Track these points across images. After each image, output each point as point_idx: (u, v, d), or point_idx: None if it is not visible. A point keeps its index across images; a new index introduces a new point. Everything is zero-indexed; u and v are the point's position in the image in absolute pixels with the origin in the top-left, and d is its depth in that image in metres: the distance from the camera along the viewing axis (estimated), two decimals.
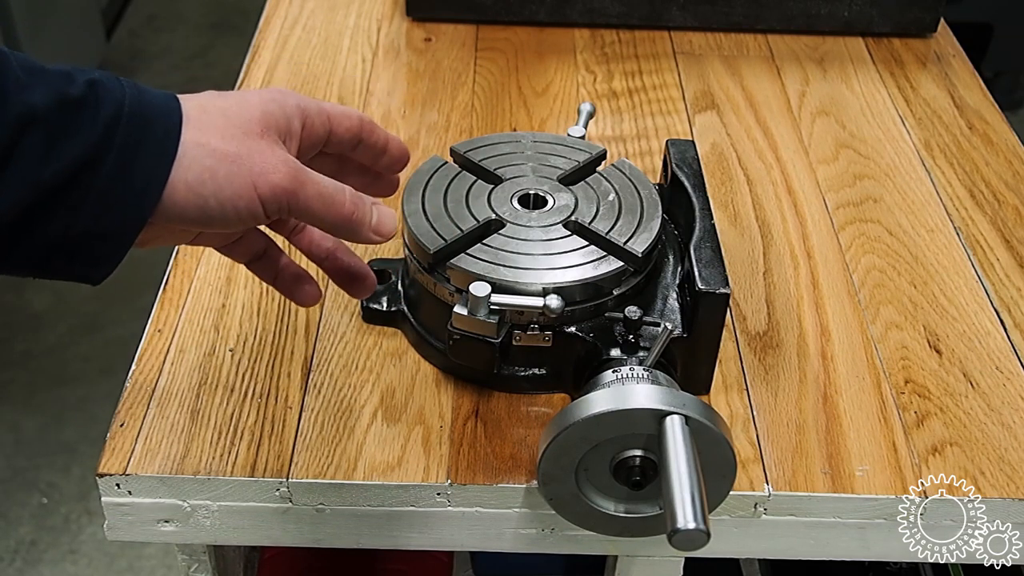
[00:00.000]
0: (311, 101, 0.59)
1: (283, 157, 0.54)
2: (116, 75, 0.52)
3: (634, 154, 0.95)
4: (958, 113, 1.03)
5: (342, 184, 0.57)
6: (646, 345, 0.67)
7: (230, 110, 0.54)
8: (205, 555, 0.74)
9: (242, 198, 0.53)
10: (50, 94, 0.49)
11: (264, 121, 0.55)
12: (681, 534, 0.54)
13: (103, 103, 0.50)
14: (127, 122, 0.50)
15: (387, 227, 0.58)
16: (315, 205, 0.55)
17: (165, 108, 0.53)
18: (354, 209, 0.57)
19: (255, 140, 0.54)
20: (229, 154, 0.52)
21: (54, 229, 0.50)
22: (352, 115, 0.61)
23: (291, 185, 0.54)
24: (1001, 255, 0.85)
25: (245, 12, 2.85)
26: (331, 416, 0.69)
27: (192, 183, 0.52)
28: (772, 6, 1.12)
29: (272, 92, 0.57)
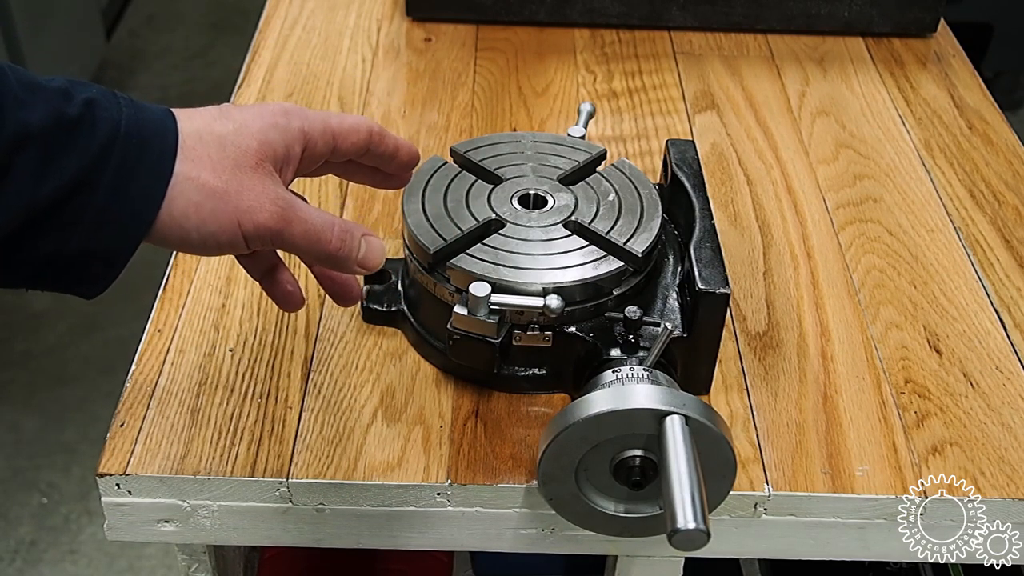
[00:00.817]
0: (317, 120, 0.58)
1: (272, 194, 0.54)
2: (114, 92, 0.52)
3: (634, 154, 0.95)
4: (958, 113, 1.03)
5: (332, 218, 0.57)
6: (646, 345, 0.67)
7: (227, 139, 0.54)
8: (205, 555, 0.74)
9: (225, 233, 0.53)
10: (47, 112, 0.48)
11: (261, 152, 0.54)
12: (681, 534, 0.54)
13: (99, 123, 0.50)
14: (123, 143, 0.50)
15: (373, 261, 0.58)
16: (300, 242, 0.55)
17: (161, 128, 0.52)
18: (340, 245, 0.57)
19: (247, 174, 0.53)
20: (217, 190, 0.52)
21: (47, 247, 0.50)
22: (360, 129, 0.60)
23: (277, 225, 0.54)
24: (1001, 255, 0.85)
25: (245, 12, 2.85)
26: (331, 416, 0.69)
27: (176, 215, 0.52)
28: (772, 6, 1.12)
29: (276, 114, 0.56)
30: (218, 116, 0.55)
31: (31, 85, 0.49)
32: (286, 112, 0.57)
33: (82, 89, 0.51)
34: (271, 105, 0.57)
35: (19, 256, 0.50)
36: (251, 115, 0.56)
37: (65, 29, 2.29)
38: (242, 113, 0.56)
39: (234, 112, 0.56)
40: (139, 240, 0.52)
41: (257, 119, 0.55)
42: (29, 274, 0.51)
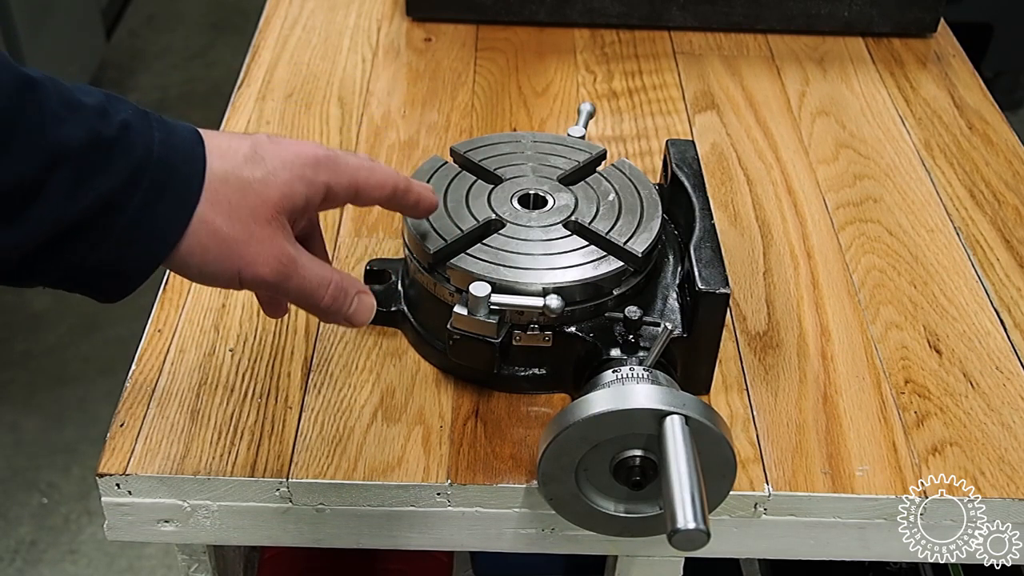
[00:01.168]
0: (345, 175, 0.58)
1: (278, 250, 0.55)
2: (146, 111, 0.53)
3: (634, 154, 0.95)
4: (958, 113, 1.03)
5: (329, 276, 0.58)
6: (646, 345, 0.67)
7: (251, 187, 0.54)
8: (205, 555, 0.74)
9: (223, 276, 0.55)
10: (84, 132, 0.49)
11: (280, 204, 0.55)
12: (681, 534, 0.54)
13: (133, 147, 0.51)
14: (154, 168, 0.51)
15: (360, 319, 0.60)
16: (293, 296, 0.57)
17: (190, 154, 0.53)
18: (331, 303, 0.58)
19: (260, 225, 0.54)
20: (227, 237, 0.53)
21: (71, 260, 0.51)
22: (386, 186, 0.61)
23: (274, 279, 0.55)
24: (1001, 255, 0.85)
25: (245, 12, 2.85)
26: (331, 416, 0.69)
27: (183, 252, 0.53)
28: (772, 6, 1.12)
29: (307, 165, 0.56)
30: (250, 157, 0.55)
31: (70, 102, 0.50)
32: (317, 163, 0.57)
33: (117, 107, 0.52)
34: (305, 151, 0.57)
35: (43, 265, 0.51)
36: (282, 161, 0.56)
37: (65, 29, 2.29)
38: (275, 155, 0.56)
39: (268, 152, 0.56)
40: (160, 261, 0.53)
41: (287, 169, 0.56)
42: (50, 280, 0.53)
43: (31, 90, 0.48)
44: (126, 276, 0.53)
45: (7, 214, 0.48)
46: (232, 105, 0.99)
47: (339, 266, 0.81)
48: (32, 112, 0.48)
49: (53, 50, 2.21)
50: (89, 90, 0.52)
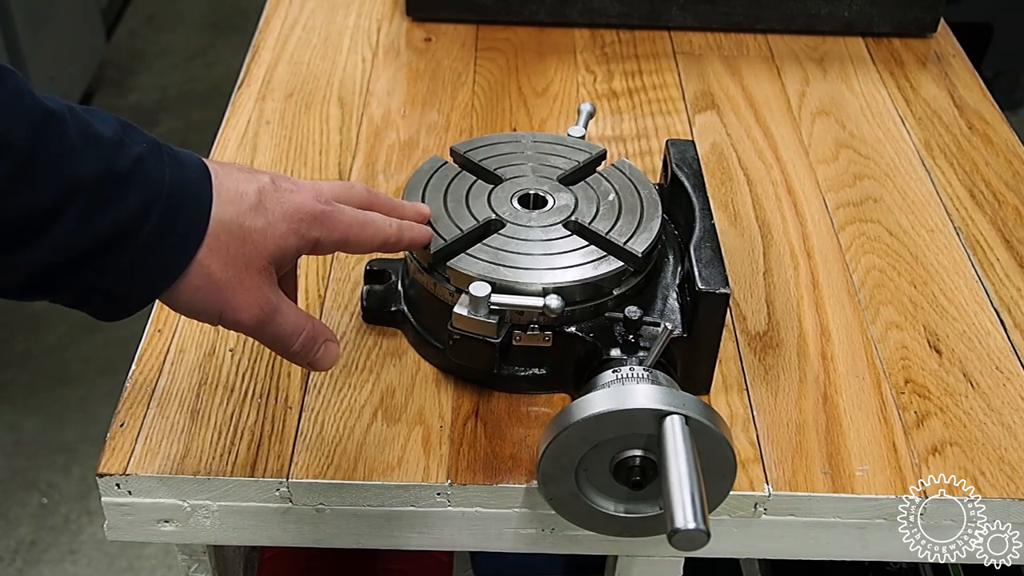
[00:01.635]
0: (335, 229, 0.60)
1: (262, 299, 0.57)
2: (158, 143, 0.55)
3: (634, 154, 0.95)
4: (958, 113, 1.03)
5: (303, 324, 0.60)
6: (646, 345, 0.67)
7: (250, 237, 0.56)
8: (205, 555, 0.74)
9: (204, 315, 0.57)
10: (100, 164, 0.51)
11: (272, 256, 0.57)
12: (681, 534, 0.54)
13: (146, 183, 0.53)
14: (164, 204, 0.53)
15: (323, 366, 0.62)
16: (266, 341, 0.60)
17: (197, 190, 0.55)
18: (300, 349, 0.60)
19: (251, 275, 0.57)
20: (219, 283, 0.55)
21: (74, 284, 0.53)
22: (375, 240, 0.63)
23: (253, 325, 0.58)
24: (1001, 255, 0.85)
25: (245, 12, 2.85)
26: (331, 416, 0.69)
27: (176, 290, 0.55)
28: (772, 6, 1.12)
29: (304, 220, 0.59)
30: (255, 207, 0.57)
31: (87, 134, 0.51)
32: (313, 219, 0.59)
33: (133, 138, 0.53)
34: (307, 205, 0.59)
35: (48, 286, 0.53)
36: (283, 213, 0.58)
37: (65, 29, 2.29)
38: (277, 206, 0.58)
39: (272, 202, 0.58)
40: (162, 291, 0.55)
41: (285, 221, 0.58)
42: (53, 298, 0.55)
43: (52, 123, 0.50)
44: (125, 303, 0.55)
45: (22, 239, 0.50)
46: (232, 105, 0.99)
47: (339, 267, 0.81)
48: (53, 145, 0.50)
49: (53, 50, 2.21)
50: (106, 117, 0.53)
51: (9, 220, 0.49)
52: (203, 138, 1.72)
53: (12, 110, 0.48)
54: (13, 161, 0.48)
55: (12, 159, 0.48)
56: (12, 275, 0.51)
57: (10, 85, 0.49)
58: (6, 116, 0.48)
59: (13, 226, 0.49)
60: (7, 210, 0.48)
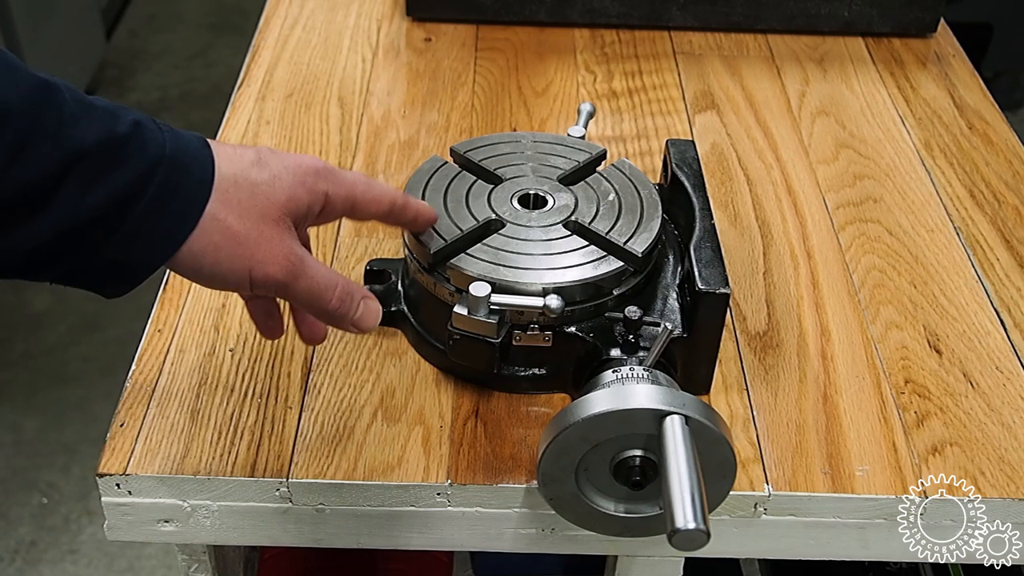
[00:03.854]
0: (343, 187, 0.60)
1: (287, 249, 0.56)
2: (152, 118, 0.54)
3: (634, 154, 0.95)
4: (958, 113, 1.03)
5: (336, 279, 0.59)
6: (646, 345, 0.67)
7: (259, 188, 0.56)
8: (205, 555, 0.74)
9: (235, 275, 0.55)
10: (99, 131, 0.51)
11: (286, 207, 0.57)
12: (681, 534, 0.54)
13: (147, 144, 0.52)
14: (167, 165, 0.53)
15: (367, 323, 0.61)
16: (302, 297, 0.58)
17: (200, 155, 0.55)
18: (339, 305, 0.59)
19: (269, 225, 0.56)
20: (238, 235, 0.55)
21: (81, 255, 0.52)
22: (383, 201, 0.63)
23: (285, 279, 0.56)
24: (1001, 255, 0.85)
25: (245, 12, 2.85)
26: (331, 416, 0.69)
27: (196, 250, 0.54)
28: (772, 6, 1.12)
29: (308, 173, 0.58)
30: (256, 163, 0.57)
31: (83, 103, 0.51)
32: (317, 173, 0.59)
33: (127, 112, 0.53)
34: (306, 161, 0.59)
35: (54, 259, 0.52)
36: (285, 168, 0.58)
37: (65, 29, 2.29)
38: (278, 163, 0.58)
39: (271, 160, 0.57)
40: (168, 256, 0.54)
41: (290, 174, 0.57)
42: (57, 274, 0.53)
43: (48, 92, 0.50)
44: (132, 270, 0.54)
45: (27, 210, 0.49)
46: (232, 105, 0.99)
47: (339, 266, 0.81)
48: (51, 113, 0.49)
49: (53, 50, 2.21)
50: (98, 98, 0.53)
51: (14, 191, 0.48)
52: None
53: (8, 82, 0.48)
54: (13, 132, 0.48)
55: (12, 130, 0.48)
56: (16, 248, 0.51)
57: (1, 60, 0.48)
58: (2, 88, 0.48)
59: (18, 196, 0.49)
60: (11, 181, 0.48)
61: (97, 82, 2.57)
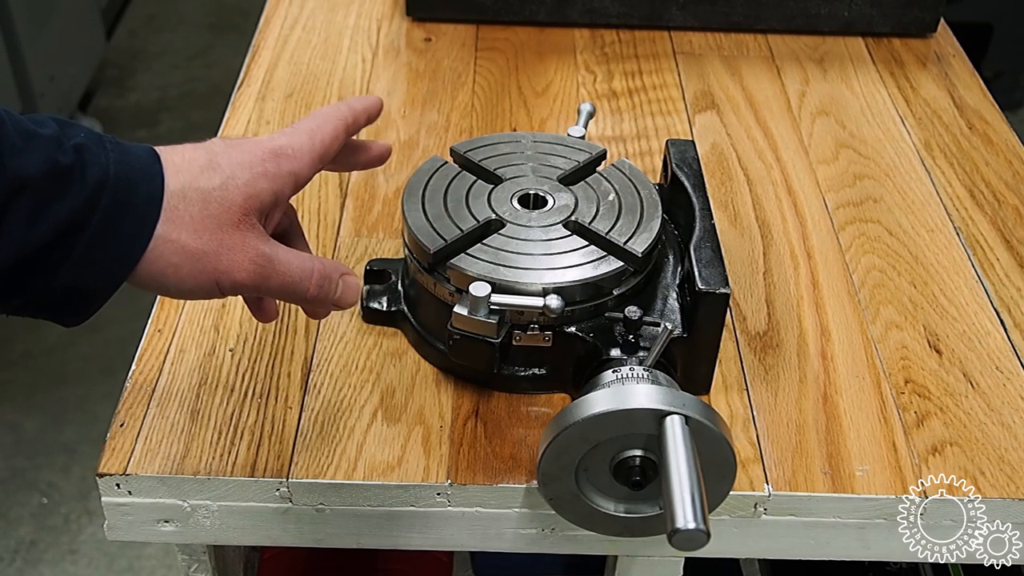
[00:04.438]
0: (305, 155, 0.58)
1: (253, 252, 0.55)
2: (99, 134, 0.53)
3: (634, 154, 0.95)
4: (958, 113, 1.03)
5: (311, 265, 0.58)
6: (646, 345, 0.67)
7: (211, 196, 0.54)
8: (205, 555, 0.74)
9: (203, 290, 0.55)
10: (42, 161, 0.49)
11: (246, 206, 0.55)
12: (681, 534, 0.54)
13: (89, 168, 0.51)
14: (112, 188, 0.51)
15: (347, 301, 0.60)
16: (277, 293, 0.57)
17: (148, 172, 0.53)
18: (317, 292, 0.58)
19: (228, 232, 0.54)
20: (196, 252, 0.53)
21: (34, 284, 0.51)
22: (338, 131, 0.61)
23: (254, 282, 0.55)
24: (1001, 255, 0.85)
25: (245, 12, 2.85)
26: (331, 416, 0.69)
27: (155, 273, 0.53)
28: (772, 6, 1.12)
29: (266, 160, 0.57)
30: (206, 167, 0.55)
31: (26, 133, 0.50)
32: (276, 155, 0.57)
33: (71, 132, 0.52)
34: (263, 145, 0.57)
35: (7, 291, 0.51)
36: (240, 163, 0.56)
37: (65, 29, 2.29)
38: (231, 160, 0.56)
39: (223, 159, 0.56)
40: (123, 279, 0.53)
41: (246, 169, 0.56)
42: (12, 306, 0.53)
43: None
44: (88, 296, 0.53)
45: None
46: (232, 105, 0.99)
47: None
48: None
49: (53, 50, 2.21)
50: (43, 120, 0.52)
51: None
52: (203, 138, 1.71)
53: None
54: None
55: None
56: None
57: None
58: None
59: None
60: None
61: (97, 82, 2.57)
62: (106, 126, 2.47)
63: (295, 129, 0.60)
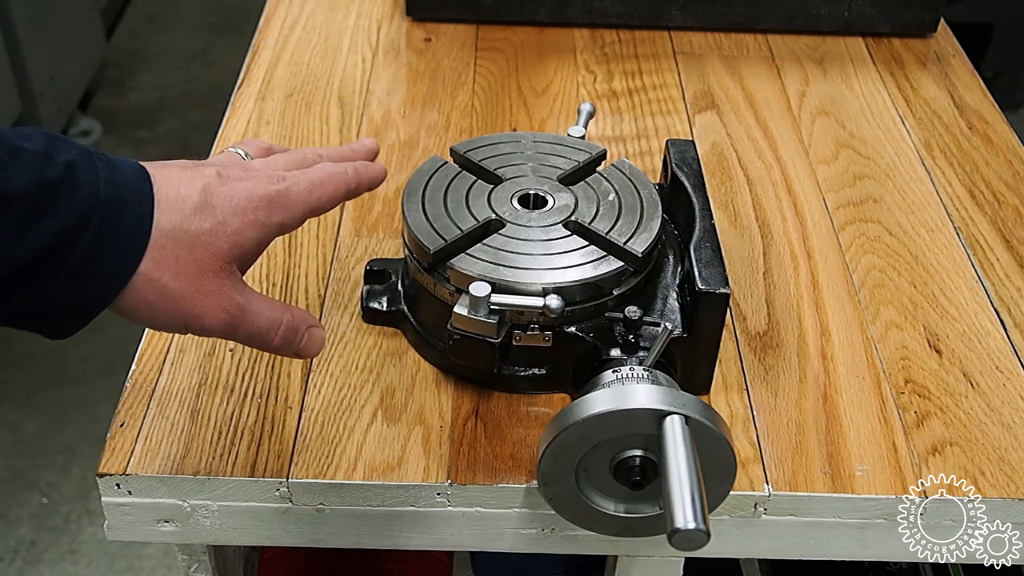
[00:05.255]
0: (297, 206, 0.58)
1: (227, 302, 0.55)
2: (88, 150, 0.53)
3: (634, 154, 0.95)
4: (958, 113, 1.03)
5: (280, 316, 0.58)
6: (646, 345, 0.67)
7: (199, 240, 0.54)
8: (205, 555, 0.74)
9: (170, 327, 0.55)
10: (29, 176, 0.49)
11: (229, 254, 0.55)
12: (681, 534, 0.54)
13: (80, 186, 0.50)
14: (103, 207, 0.51)
15: (309, 352, 0.60)
16: (243, 341, 0.58)
17: (137, 192, 0.53)
18: (281, 343, 0.58)
19: (207, 278, 0.54)
20: (173, 293, 0.53)
21: (21, 300, 0.51)
22: (336, 195, 0.61)
23: (222, 330, 0.56)
24: (1001, 255, 0.85)
25: (245, 12, 2.85)
26: (331, 416, 0.69)
27: (129, 306, 0.53)
28: (772, 6, 1.12)
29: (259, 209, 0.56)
30: (198, 208, 0.54)
31: (13, 147, 0.49)
32: (270, 204, 0.57)
33: (61, 148, 0.51)
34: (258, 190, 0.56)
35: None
36: (233, 208, 0.55)
37: (65, 29, 2.29)
38: (226, 201, 0.55)
39: (219, 199, 0.55)
40: (112, 297, 0.53)
41: (238, 215, 0.55)
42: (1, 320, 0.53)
43: None
44: (76, 313, 0.53)
45: None
46: (232, 105, 0.99)
47: (339, 266, 0.81)
48: None
49: (53, 50, 2.21)
50: (30, 134, 0.51)
51: None
52: (203, 138, 1.72)
53: None
54: None
55: None
56: None
57: None
58: None
59: None
60: None
61: (97, 82, 2.57)
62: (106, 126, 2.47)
63: (298, 178, 0.59)
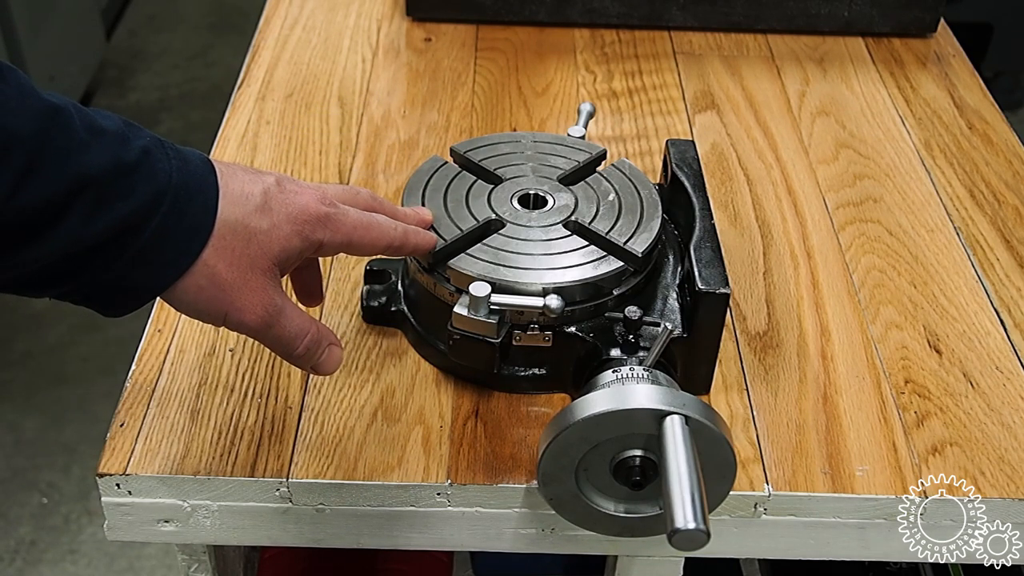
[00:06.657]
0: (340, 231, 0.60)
1: (267, 300, 0.57)
2: (160, 139, 0.55)
3: (634, 154, 0.95)
4: (958, 113, 1.03)
5: (307, 327, 0.60)
6: (646, 345, 0.67)
7: (255, 238, 0.56)
8: (205, 555, 0.74)
9: (209, 316, 0.57)
10: (107, 157, 0.51)
11: (278, 257, 0.57)
12: (681, 534, 0.54)
13: (154, 173, 0.53)
14: (173, 194, 0.53)
15: (326, 370, 0.62)
16: (270, 343, 0.59)
17: (205, 182, 0.55)
18: (303, 352, 0.60)
19: (256, 275, 0.56)
20: (224, 282, 0.55)
21: (84, 277, 0.53)
22: (379, 244, 0.63)
23: (257, 327, 0.57)
24: (1001, 255, 0.85)
25: (245, 12, 2.85)
26: (331, 416, 0.69)
27: (179, 291, 0.55)
28: (772, 6, 1.12)
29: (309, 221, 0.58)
30: (260, 208, 0.57)
31: (93, 128, 0.51)
32: (318, 221, 0.59)
33: (136, 134, 0.53)
34: (311, 208, 0.59)
35: (57, 279, 0.53)
36: (287, 215, 0.58)
37: (65, 29, 2.29)
38: (282, 207, 0.58)
39: (277, 203, 0.57)
40: (173, 281, 0.54)
41: (290, 223, 0.58)
42: (60, 293, 0.54)
43: (58, 118, 0.50)
44: (130, 296, 0.55)
45: (31, 233, 0.50)
46: (232, 105, 0.99)
47: (339, 267, 0.81)
48: (60, 139, 0.49)
49: (53, 50, 2.21)
50: (108, 115, 0.53)
51: (19, 215, 0.49)
52: (203, 138, 1.72)
53: (19, 106, 0.48)
54: (23, 157, 0.48)
55: (22, 155, 0.48)
56: (20, 269, 0.51)
57: (13, 82, 0.49)
58: (13, 112, 0.48)
59: (23, 221, 0.49)
60: (17, 206, 0.48)
61: (97, 82, 2.57)
62: None
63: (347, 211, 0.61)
